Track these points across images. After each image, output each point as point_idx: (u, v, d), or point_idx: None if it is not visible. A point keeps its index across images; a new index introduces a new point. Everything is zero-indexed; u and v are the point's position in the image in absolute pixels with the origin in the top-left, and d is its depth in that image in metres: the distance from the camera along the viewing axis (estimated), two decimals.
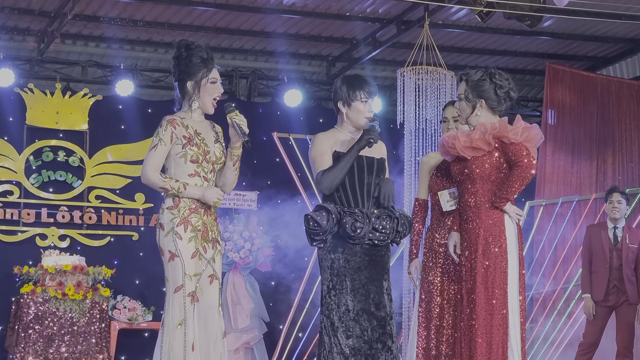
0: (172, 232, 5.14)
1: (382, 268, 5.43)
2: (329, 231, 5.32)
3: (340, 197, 5.42)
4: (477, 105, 5.32)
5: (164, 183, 5.15)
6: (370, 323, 5.33)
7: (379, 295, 5.36)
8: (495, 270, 5.16)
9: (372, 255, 5.40)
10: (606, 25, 10.50)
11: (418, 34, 9.70)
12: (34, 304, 9.62)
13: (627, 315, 8.48)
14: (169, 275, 5.14)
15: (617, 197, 8.62)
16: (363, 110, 5.48)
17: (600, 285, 8.49)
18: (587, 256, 8.64)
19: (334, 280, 5.37)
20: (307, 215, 5.37)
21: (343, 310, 5.32)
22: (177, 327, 5.10)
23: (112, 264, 10.51)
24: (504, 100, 5.34)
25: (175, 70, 5.28)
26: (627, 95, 11.19)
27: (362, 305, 5.33)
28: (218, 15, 10.27)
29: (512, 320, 5.16)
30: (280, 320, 11.00)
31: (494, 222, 5.22)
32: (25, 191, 10.67)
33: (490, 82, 5.31)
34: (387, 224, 5.38)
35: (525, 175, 5.16)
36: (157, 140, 5.17)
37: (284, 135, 11.21)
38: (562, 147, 11.12)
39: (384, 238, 5.39)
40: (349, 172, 5.39)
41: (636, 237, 8.59)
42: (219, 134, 5.38)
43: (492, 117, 5.34)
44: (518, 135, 5.21)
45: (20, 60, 10.78)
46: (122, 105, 11.01)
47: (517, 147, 5.19)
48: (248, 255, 10.57)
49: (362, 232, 5.32)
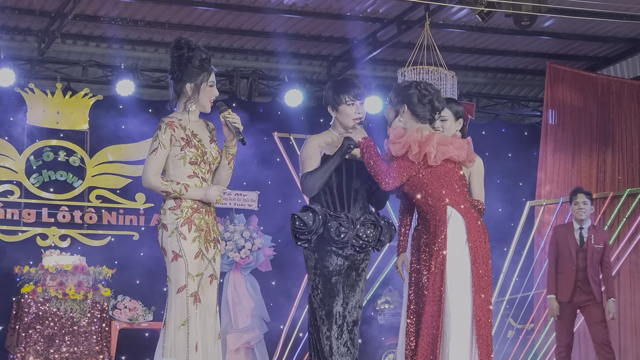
0: (177, 232, 5.15)
1: (359, 275, 5.53)
2: (315, 231, 5.41)
3: (327, 200, 5.49)
4: (400, 110, 5.46)
5: (166, 187, 5.17)
6: (345, 325, 5.45)
7: (353, 299, 5.48)
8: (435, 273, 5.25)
9: (352, 260, 5.49)
10: (607, 25, 10.51)
11: (418, 34, 9.70)
12: (35, 304, 9.62)
13: (596, 314, 8.55)
14: (172, 275, 5.15)
15: (582, 198, 8.69)
16: (350, 113, 5.56)
17: (567, 286, 8.54)
18: (553, 257, 8.71)
19: (316, 280, 5.47)
20: (293, 215, 5.47)
21: (326, 310, 5.42)
22: (179, 327, 5.10)
23: (112, 263, 10.50)
24: (428, 108, 5.42)
25: (174, 69, 5.27)
26: (627, 95, 11.19)
27: (338, 307, 5.43)
28: (219, 15, 10.27)
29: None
30: (281, 320, 11.01)
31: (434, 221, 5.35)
32: (25, 191, 10.67)
33: (415, 89, 5.44)
34: (371, 232, 5.47)
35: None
36: (157, 144, 5.18)
37: (285, 135, 11.22)
38: (563, 147, 11.12)
39: (365, 246, 5.47)
40: (337, 175, 5.47)
41: (602, 237, 8.67)
42: (212, 132, 5.40)
43: (414, 123, 5.44)
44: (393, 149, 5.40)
45: (21, 60, 10.78)
46: (122, 105, 11.00)
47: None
48: (249, 255, 10.58)
49: (346, 237, 5.40)
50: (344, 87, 5.58)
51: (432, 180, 5.34)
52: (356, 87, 5.59)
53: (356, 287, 5.50)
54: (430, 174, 5.33)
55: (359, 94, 5.58)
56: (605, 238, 8.75)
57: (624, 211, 10.68)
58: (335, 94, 5.57)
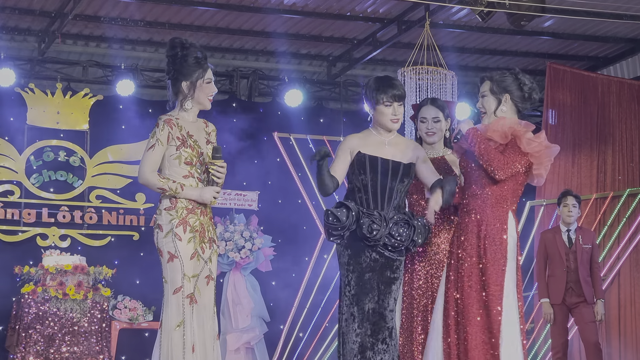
0: (172, 233, 5.14)
1: (393, 272, 5.46)
2: (348, 228, 5.38)
3: (361, 198, 5.47)
4: (502, 99, 5.34)
5: (162, 184, 5.16)
6: (378, 322, 5.38)
7: (387, 297, 5.41)
8: (492, 266, 5.18)
9: (386, 258, 5.44)
10: (607, 25, 10.51)
11: (419, 34, 9.70)
12: (35, 304, 9.62)
13: (586, 315, 8.56)
14: (168, 276, 5.14)
15: (571, 201, 8.70)
16: (387, 114, 5.51)
17: (558, 288, 8.56)
18: (542, 261, 8.73)
19: (349, 277, 5.42)
20: (327, 210, 5.43)
21: (359, 306, 5.37)
22: (175, 329, 5.09)
23: (112, 263, 10.51)
24: (528, 98, 5.36)
25: (169, 68, 5.28)
26: (627, 95, 11.18)
27: (371, 304, 5.38)
28: (219, 15, 10.27)
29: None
30: (281, 320, 11.01)
31: (498, 218, 5.24)
32: (26, 191, 10.67)
33: (515, 78, 5.36)
34: (404, 231, 5.42)
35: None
36: (154, 141, 5.18)
37: (285, 135, 11.22)
38: (563, 147, 11.06)
39: (398, 245, 5.42)
40: (372, 174, 5.43)
41: (589, 237, 8.69)
42: (210, 134, 5.38)
43: (514, 114, 5.37)
44: (528, 145, 5.24)
45: (21, 60, 10.78)
46: (122, 105, 11.00)
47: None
48: (249, 255, 10.57)
49: (378, 234, 5.36)
50: (383, 87, 5.51)
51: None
52: (396, 87, 5.52)
53: (392, 284, 5.43)
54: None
55: (397, 95, 5.50)
56: (593, 238, 8.78)
57: (624, 211, 10.67)
58: (374, 92, 5.51)
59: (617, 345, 10.45)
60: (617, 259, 10.59)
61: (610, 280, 10.54)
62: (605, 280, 10.21)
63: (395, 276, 5.47)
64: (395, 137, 5.60)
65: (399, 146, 5.56)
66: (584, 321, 8.56)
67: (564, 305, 8.58)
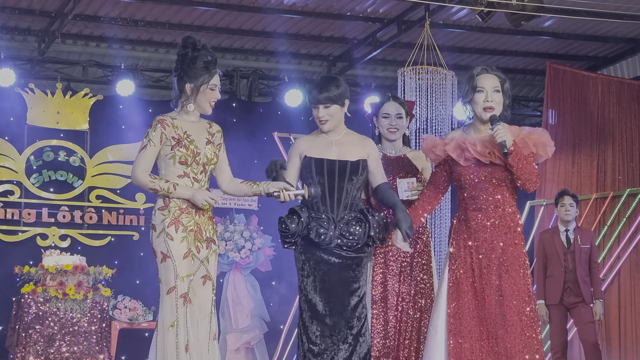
0: (164, 233, 5.14)
1: (352, 271, 5.38)
2: (298, 234, 5.36)
3: (311, 201, 5.42)
4: (507, 102, 5.21)
5: (154, 184, 5.16)
6: (338, 322, 5.33)
7: (347, 296, 5.34)
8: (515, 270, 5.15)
9: (343, 258, 5.38)
10: (607, 25, 10.51)
11: (418, 33, 9.70)
12: (35, 304, 9.63)
13: (585, 315, 8.54)
14: (162, 276, 5.13)
15: (569, 200, 8.68)
16: (316, 116, 5.50)
17: (556, 289, 8.54)
18: (541, 262, 8.72)
19: (304, 282, 5.41)
20: (280, 218, 5.42)
21: (312, 311, 5.34)
22: (168, 328, 5.08)
23: (112, 263, 10.51)
24: (509, 105, 5.28)
25: (177, 67, 5.25)
26: (627, 95, 11.18)
27: (330, 306, 5.33)
28: (219, 15, 10.27)
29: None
30: (281, 320, 11.01)
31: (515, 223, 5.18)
32: (26, 191, 10.68)
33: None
34: (357, 229, 5.35)
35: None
36: (146, 141, 5.17)
37: (285, 135, 11.22)
38: (563, 147, 11.11)
39: (353, 244, 5.36)
40: (319, 177, 5.38)
41: (588, 238, 8.67)
42: (214, 135, 5.35)
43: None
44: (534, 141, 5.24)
45: (21, 60, 10.79)
46: (122, 105, 11.01)
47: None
48: (249, 255, 10.58)
49: (327, 237, 5.32)
50: (310, 90, 5.49)
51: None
52: (319, 90, 5.44)
53: (351, 284, 5.36)
54: None
55: (319, 99, 5.45)
56: (592, 238, 8.77)
57: (624, 211, 10.67)
58: (308, 95, 5.50)
59: (617, 345, 10.44)
60: (617, 259, 10.59)
61: (610, 281, 10.54)
62: (605, 280, 10.21)
63: (354, 275, 5.38)
64: (343, 136, 5.52)
65: (345, 145, 5.48)
66: (583, 321, 8.56)
67: (562, 306, 8.58)
